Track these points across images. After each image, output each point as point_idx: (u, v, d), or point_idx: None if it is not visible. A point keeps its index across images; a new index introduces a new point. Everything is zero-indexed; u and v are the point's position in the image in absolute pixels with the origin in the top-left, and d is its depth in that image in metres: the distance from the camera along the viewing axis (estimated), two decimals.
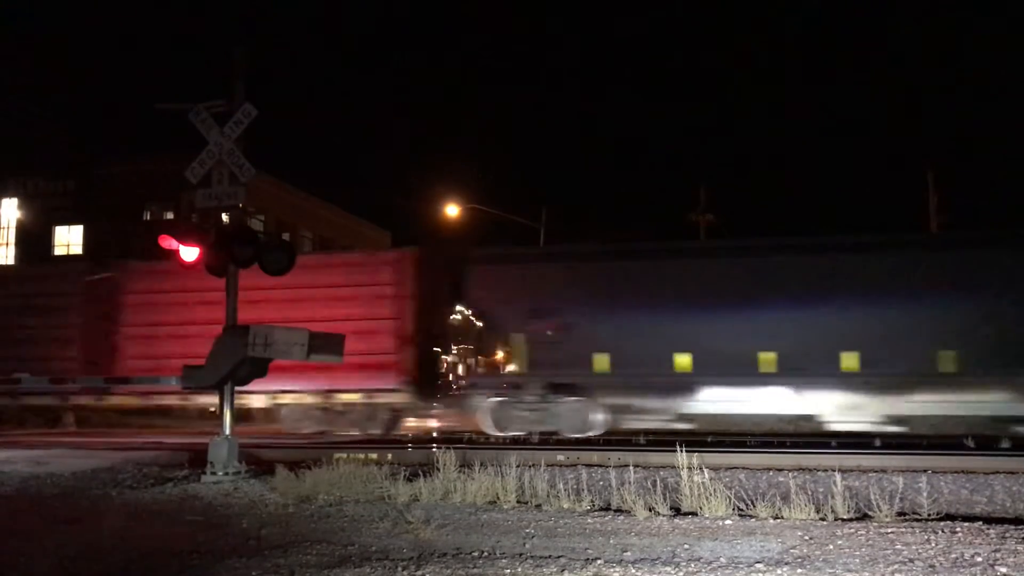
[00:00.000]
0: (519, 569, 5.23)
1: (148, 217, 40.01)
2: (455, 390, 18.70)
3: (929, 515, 6.71)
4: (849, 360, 15.76)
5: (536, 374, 17.05)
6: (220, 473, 9.61)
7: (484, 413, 17.26)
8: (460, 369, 20.04)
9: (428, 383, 18.23)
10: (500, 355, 18.18)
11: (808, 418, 16.42)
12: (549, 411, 16.82)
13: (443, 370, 19.25)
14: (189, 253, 10.06)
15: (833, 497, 6.93)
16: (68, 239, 40.68)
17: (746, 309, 16.35)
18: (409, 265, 18.22)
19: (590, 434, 16.57)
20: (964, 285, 15.55)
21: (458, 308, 19.06)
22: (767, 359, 16.12)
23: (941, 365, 15.43)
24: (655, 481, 7.90)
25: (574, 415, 16.73)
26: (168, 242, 10.05)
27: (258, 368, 10.05)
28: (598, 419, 16.76)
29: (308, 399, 17.92)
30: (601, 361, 16.88)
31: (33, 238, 38.17)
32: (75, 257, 37.67)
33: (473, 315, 18.52)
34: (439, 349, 19.07)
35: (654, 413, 16.79)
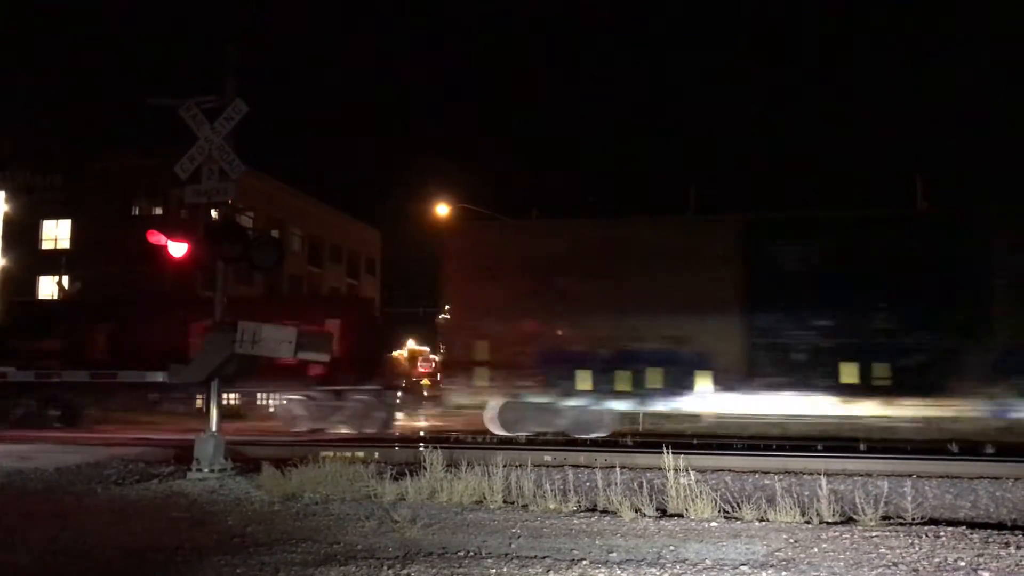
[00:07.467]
0: (504, 569, 5.23)
1: (137, 212, 39.85)
2: None
3: (913, 519, 6.74)
4: None
5: None
6: (206, 470, 9.57)
7: None
8: None
9: None
10: None
11: None
12: None
13: None
14: (177, 249, 10.04)
15: (818, 500, 6.95)
16: (56, 233, 40.49)
17: None
18: None
19: None
20: None
21: None
22: None
23: None
24: (641, 483, 7.91)
25: None
26: (156, 237, 10.03)
27: (246, 365, 10.02)
28: None
29: None
30: None
31: (20, 232, 37.92)
32: None
33: None
34: None
35: None
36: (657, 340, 16.39)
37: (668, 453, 7.58)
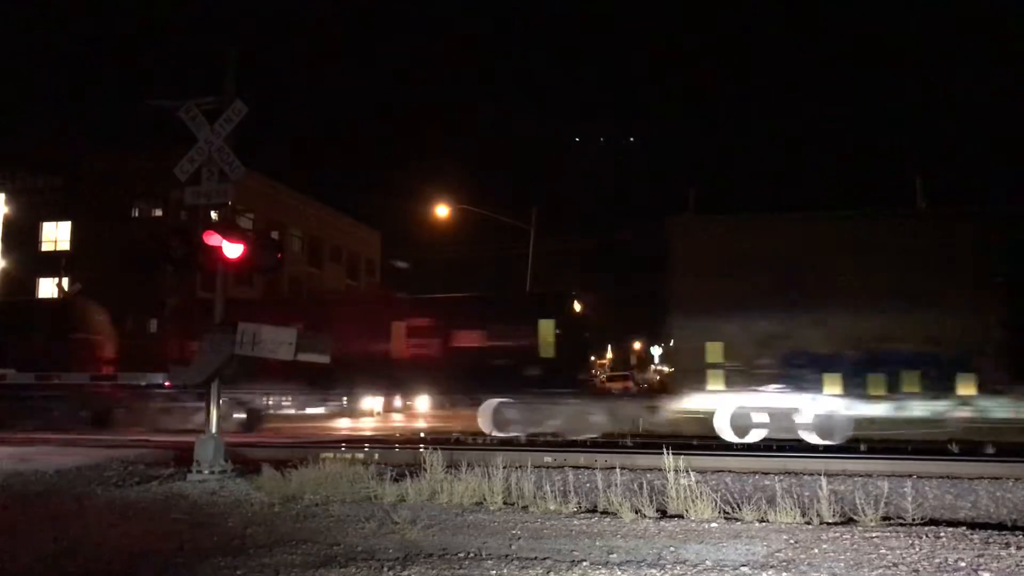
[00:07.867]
0: (505, 570, 5.23)
1: (136, 214, 39.81)
2: None
3: (914, 520, 6.74)
4: None
5: None
6: (206, 472, 9.57)
7: None
8: None
9: None
10: None
11: None
12: None
13: None
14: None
15: (819, 501, 6.95)
16: (55, 235, 40.43)
17: None
18: None
19: None
20: None
21: None
22: None
23: None
24: (642, 484, 7.90)
25: None
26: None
27: (245, 367, 10.01)
28: None
29: None
30: None
31: (20, 234, 37.90)
32: None
33: None
34: None
35: None
36: (912, 341, 15.45)
37: (668, 454, 7.57)
